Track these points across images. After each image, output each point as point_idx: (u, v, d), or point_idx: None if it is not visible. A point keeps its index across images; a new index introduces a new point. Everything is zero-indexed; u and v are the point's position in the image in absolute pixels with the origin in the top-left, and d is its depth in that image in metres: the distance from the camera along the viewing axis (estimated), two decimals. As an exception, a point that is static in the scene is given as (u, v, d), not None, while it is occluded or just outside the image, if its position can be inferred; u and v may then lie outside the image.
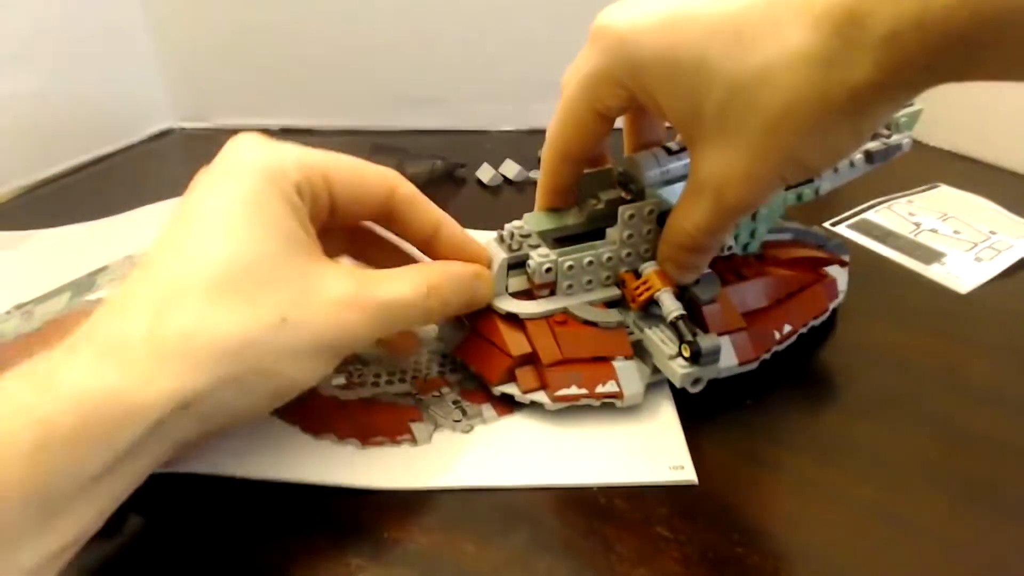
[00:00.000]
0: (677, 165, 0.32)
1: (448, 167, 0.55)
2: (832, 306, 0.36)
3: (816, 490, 0.29)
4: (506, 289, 0.32)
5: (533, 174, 0.55)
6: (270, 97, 0.65)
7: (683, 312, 0.30)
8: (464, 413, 0.31)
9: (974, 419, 0.32)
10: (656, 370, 0.31)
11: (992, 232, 0.46)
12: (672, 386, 0.32)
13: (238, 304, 0.23)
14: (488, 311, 0.32)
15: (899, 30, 0.21)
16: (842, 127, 0.25)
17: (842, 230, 0.47)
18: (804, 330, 0.35)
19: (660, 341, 0.31)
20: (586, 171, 0.33)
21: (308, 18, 0.62)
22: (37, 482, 0.20)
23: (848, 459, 0.30)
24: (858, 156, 0.35)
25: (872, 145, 0.35)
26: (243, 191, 0.25)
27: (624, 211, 0.31)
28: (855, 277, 0.38)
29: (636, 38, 0.27)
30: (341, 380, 0.32)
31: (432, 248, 0.31)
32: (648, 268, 0.31)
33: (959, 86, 0.23)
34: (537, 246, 0.32)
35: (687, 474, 0.29)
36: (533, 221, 0.33)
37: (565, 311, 0.32)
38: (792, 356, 0.34)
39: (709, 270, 0.32)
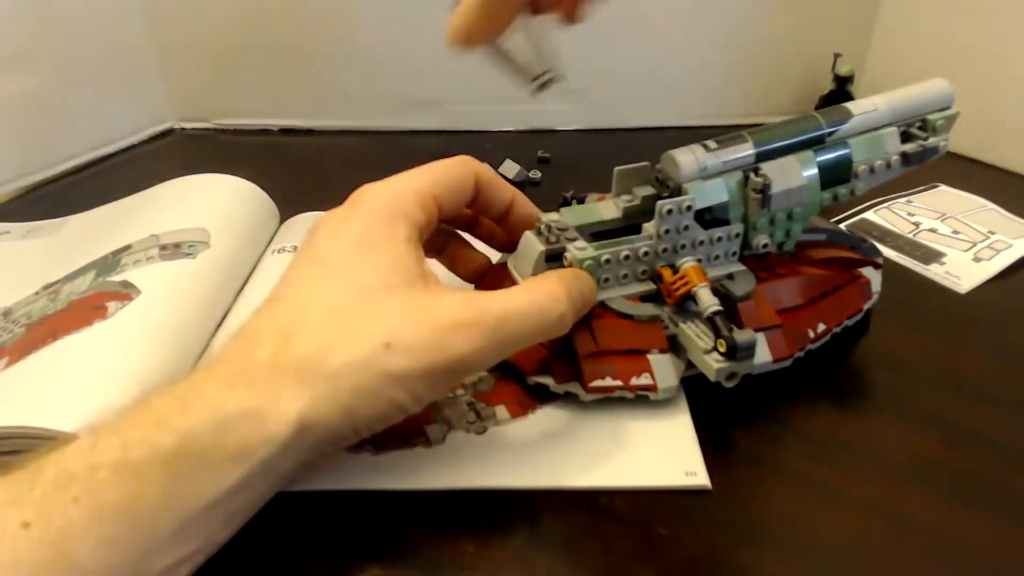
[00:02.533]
0: (715, 162, 0.32)
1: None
2: (866, 307, 0.36)
3: (816, 489, 0.29)
4: None
5: (534, 174, 0.55)
6: (270, 97, 0.65)
7: (720, 308, 0.30)
8: (478, 415, 0.31)
9: (974, 419, 0.32)
10: (690, 365, 0.31)
11: (991, 232, 0.46)
12: (686, 390, 0.32)
13: (348, 332, 0.25)
14: None
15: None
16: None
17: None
18: (838, 329, 0.35)
19: (695, 336, 0.30)
20: (622, 167, 0.34)
21: (308, 19, 0.62)
22: (174, 489, 0.22)
23: (847, 459, 0.30)
24: (895, 158, 0.35)
25: (909, 147, 0.35)
26: (359, 232, 0.28)
27: (662, 206, 0.31)
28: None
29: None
30: None
31: (506, 222, 0.34)
32: (686, 263, 0.32)
33: (959, 86, 0.23)
34: (574, 239, 0.32)
35: (700, 480, 0.28)
36: (570, 215, 0.33)
37: (601, 304, 0.32)
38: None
39: (744, 267, 0.33)
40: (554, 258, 0.32)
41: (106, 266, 0.37)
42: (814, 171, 0.34)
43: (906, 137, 0.35)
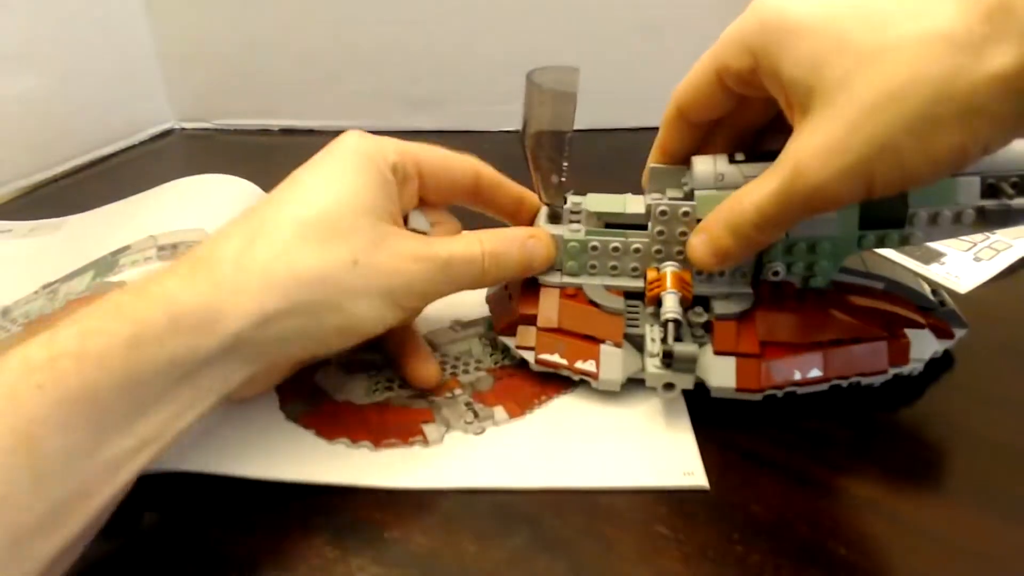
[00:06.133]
0: (734, 173, 0.30)
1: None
2: (896, 372, 0.32)
3: (816, 489, 0.29)
4: None
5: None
6: (270, 97, 0.65)
7: (678, 317, 0.30)
8: (476, 415, 0.31)
9: (974, 419, 0.32)
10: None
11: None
12: (686, 393, 0.32)
13: (316, 245, 0.27)
14: None
15: None
16: (956, 124, 0.22)
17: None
18: (844, 383, 0.32)
19: (650, 339, 0.31)
20: (657, 165, 0.33)
21: (308, 19, 0.62)
22: (130, 374, 0.23)
23: (847, 458, 0.30)
24: (968, 211, 0.30)
25: (988, 203, 0.30)
26: (339, 162, 0.30)
27: (656, 207, 0.31)
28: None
29: (779, 6, 0.26)
30: (359, 386, 0.33)
31: (517, 220, 0.35)
32: (668, 267, 0.31)
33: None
34: (576, 221, 0.33)
35: (698, 480, 0.28)
36: (595, 202, 0.33)
37: (578, 287, 0.33)
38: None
39: (750, 290, 0.32)
40: (556, 218, 0.33)
41: (104, 266, 0.37)
42: (855, 206, 0.30)
43: (991, 191, 0.30)
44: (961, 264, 0.43)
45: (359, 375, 0.33)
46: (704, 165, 0.31)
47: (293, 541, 0.26)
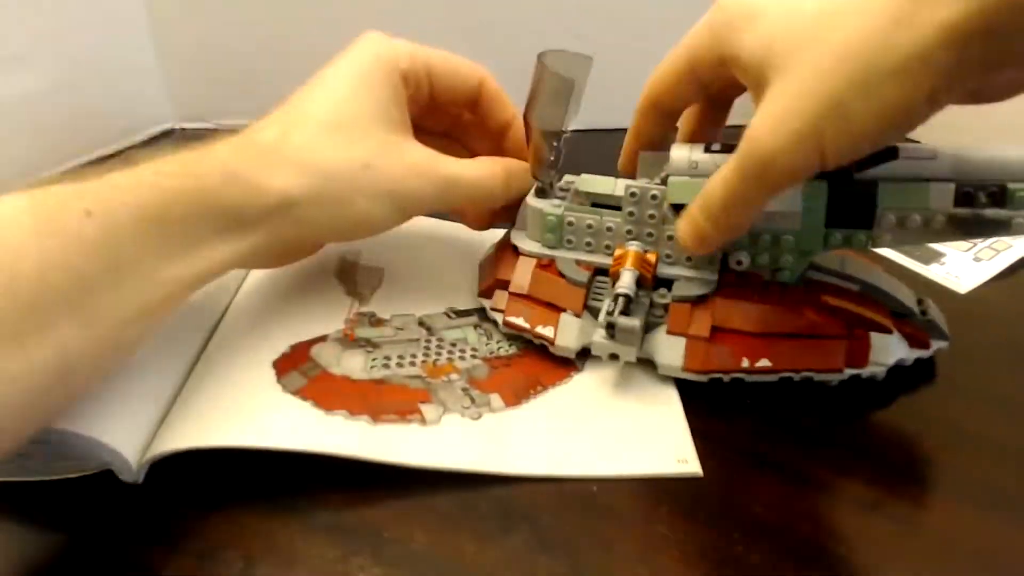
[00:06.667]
0: (709, 163, 0.30)
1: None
2: (853, 373, 0.32)
3: (816, 489, 0.29)
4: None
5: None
6: (270, 97, 0.64)
7: (628, 292, 0.31)
8: (472, 400, 0.32)
9: (974, 419, 0.32)
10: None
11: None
12: (677, 382, 0.33)
13: (336, 142, 0.31)
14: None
15: None
16: (902, 79, 0.22)
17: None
18: (796, 376, 0.32)
19: (603, 312, 0.32)
20: (648, 152, 0.33)
21: (308, 18, 0.62)
22: (191, 218, 0.28)
23: (847, 458, 0.30)
24: (939, 218, 0.29)
25: (961, 211, 0.29)
26: (358, 69, 0.33)
27: (627, 188, 0.32)
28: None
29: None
30: (356, 361, 0.33)
31: (501, 144, 0.37)
32: (632, 246, 0.33)
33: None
34: (562, 199, 0.34)
35: (692, 467, 0.29)
36: (585, 181, 0.35)
37: (552, 259, 0.34)
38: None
39: (714, 277, 0.32)
40: (542, 194, 0.35)
41: None
42: (820, 202, 0.30)
43: (965, 199, 0.29)
44: (961, 264, 0.43)
45: (356, 350, 0.34)
46: (680, 152, 0.32)
47: (293, 541, 0.26)
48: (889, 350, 0.32)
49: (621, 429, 0.31)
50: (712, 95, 0.32)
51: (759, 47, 0.25)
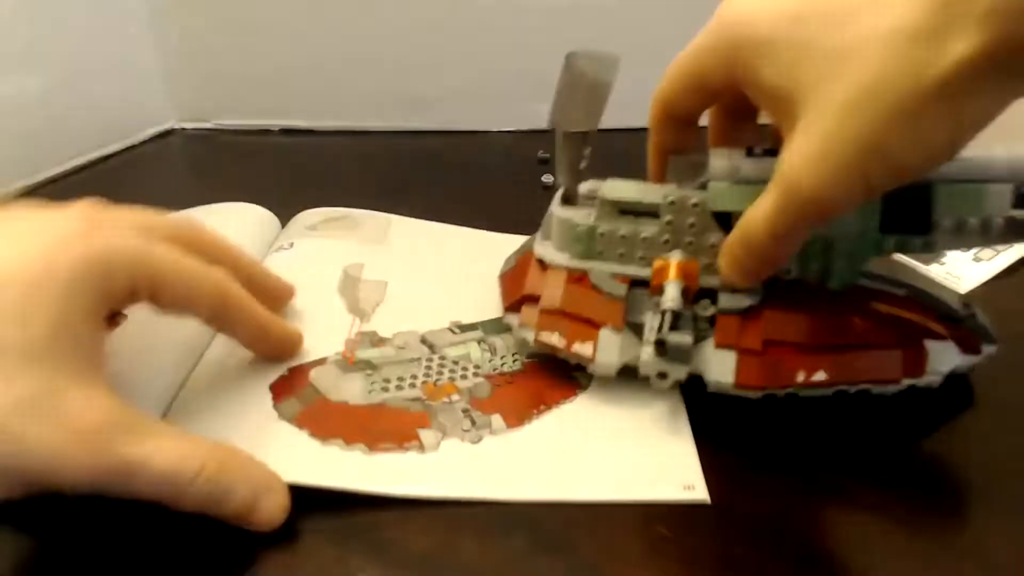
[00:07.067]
0: (750, 166, 0.29)
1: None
2: (911, 383, 0.31)
3: (816, 493, 0.29)
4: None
5: (546, 178, 0.54)
6: (270, 97, 0.65)
7: (676, 307, 0.29)
8: (473, 422, 0.31)
9: (974, 420, 0.32)
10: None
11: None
12: (685, 400, 0.32)
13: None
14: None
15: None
16: (936, 112, 0.22)
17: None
18: (850, 389, 0.31)
19: (648, 328, 0.30)
20: (679, 156, 0.32)
21: (308, 19, 0.62)
22: None
23: (847, 459, 0.30)
24: (997, 221, 0.29)
25: (1020, 213, 0.28)
26: (43, 293, 0.23)
27: (667, 195, 0.31)
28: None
29: (746, 19, 0.26)
30: (355, 386, 0.32)
31: (259, 348, 0.33)
32: (675, 257, 0.31)
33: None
34: (588, 206, 0.33)
35: (699, 494, 0.28)
36: (611, 188, 0.33)
37: (584, 272, 0.33)
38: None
39: (759, 287, 0.31)
40: (569, 201, 0.33)
41: None
42: (874, 206, 0.29)
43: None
44: (961, 264, 0.43)
45: (356, 374, 0.33)
46: (720, 159, 0.30)
47: (293, 541, 0.26)
48: (945, 357, 0.31)
49: (626, 453, 0.30)
50: (728, 103, 0.31)
51: (781, 77, 0.25)
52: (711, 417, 0.31)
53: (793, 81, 0.24)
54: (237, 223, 0.45)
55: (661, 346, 0.29)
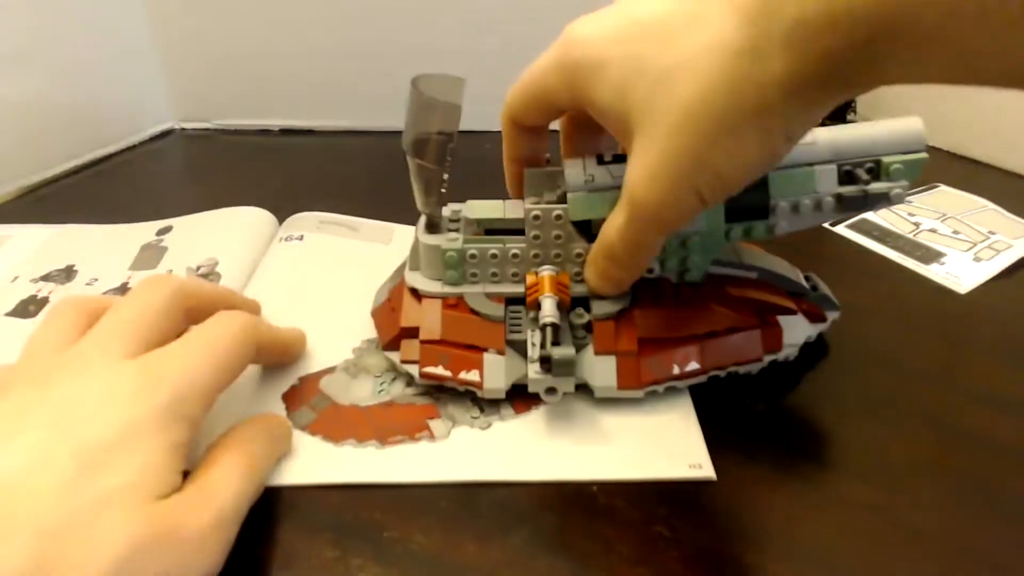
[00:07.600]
0: (605, 175, 0.30)
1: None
2: (771, 359, 0.33)
3: (816, 490, 0.29)
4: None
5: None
6: (270, 97, 0.65)
7: (555, 321, 0.29)
8: (481, 410, 0.32)
9: (973, 419, 0.32)
10: None
11: (991, 232, 0.46)
12: (691, 388, 0.32)
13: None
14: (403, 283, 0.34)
15: (806, 19, 0.21)
16: (751, 129, 0.23)
17: (841, 230, 0.47)
18: (721, 373, 0.32)
19: (531, 345, 0.31)
20: (533, 169, 0.33)
21: (308, 19, 0.62)
22: None
23: (847, 459, 0.30)
24: (827, 199, 0.31)
25: (846, 190, 0.31)
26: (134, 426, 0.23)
27: (530, 211, 0.31)
28: (854, 277, 0.38)
29: (582, 40, 0.27)
30: (364, 388, 0.33)
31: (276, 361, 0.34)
32: (545, 271, 0.31)
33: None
34: (455, 230, 0.32)
35: (706, 472, 0.29)
36: (472, 208, 0.33)
37: (460, 297, 0.32)
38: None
39: (627, 289, 0.32)
40: (433, 227, 0.33)
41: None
42: None
43: (849, 178, 0.31)
44: (961, 264, 0.43)
45: (365, 378, 0.34)
46: (574, 169, 0.31)
47: (293, 541, 0.26)
48: (797, 330, 0.34)
49: (633, 434, 0.31)
50: (577, 115, 0.31)
51: (614, 96, 0.25)
52: (710, 417, 0.31)
53: (627, 101, 0.25)
54: (237, 224, 0.45)
55: (547, 363, 0.29)
